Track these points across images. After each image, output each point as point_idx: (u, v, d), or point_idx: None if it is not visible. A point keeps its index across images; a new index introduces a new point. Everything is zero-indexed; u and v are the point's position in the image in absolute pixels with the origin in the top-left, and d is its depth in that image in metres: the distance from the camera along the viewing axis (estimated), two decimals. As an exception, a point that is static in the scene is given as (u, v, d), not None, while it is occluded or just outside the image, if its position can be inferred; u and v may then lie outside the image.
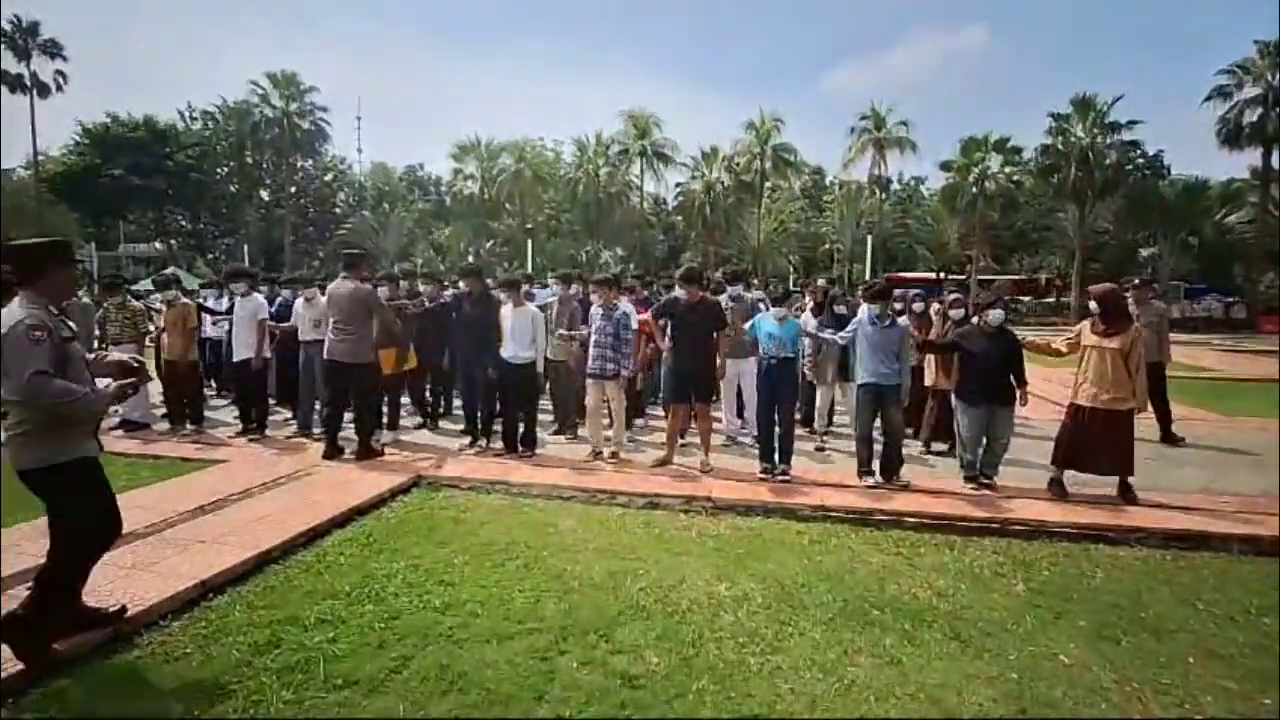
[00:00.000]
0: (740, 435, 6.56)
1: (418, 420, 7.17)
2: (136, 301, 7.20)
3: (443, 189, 45.92)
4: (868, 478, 5.08)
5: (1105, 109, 30.10)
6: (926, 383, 6.23)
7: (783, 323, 5.34)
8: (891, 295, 5.74)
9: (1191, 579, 3.69)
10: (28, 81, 31.07)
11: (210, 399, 8.09)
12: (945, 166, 36.35)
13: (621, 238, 39.74)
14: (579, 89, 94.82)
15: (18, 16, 30.61)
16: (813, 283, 8.26)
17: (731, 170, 37.44)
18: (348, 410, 5.86)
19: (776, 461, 5.27)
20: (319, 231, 41.86)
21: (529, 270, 23.61)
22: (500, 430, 6.08)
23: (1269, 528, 4.26)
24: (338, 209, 43.86)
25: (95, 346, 7.24)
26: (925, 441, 6.24)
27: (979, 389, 5.00)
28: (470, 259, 37.41)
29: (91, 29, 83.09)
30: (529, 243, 26.63)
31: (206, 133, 38.94)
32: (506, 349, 5.83)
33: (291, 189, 39.90)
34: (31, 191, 32.65)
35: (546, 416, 6.74)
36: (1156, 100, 69.90)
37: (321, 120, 38.28)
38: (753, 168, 36.70)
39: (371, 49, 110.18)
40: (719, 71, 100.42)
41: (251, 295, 6.52)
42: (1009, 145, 34.10)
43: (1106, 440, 4.74)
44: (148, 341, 7.08)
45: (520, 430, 5.92)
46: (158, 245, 36.69)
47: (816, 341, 6.07)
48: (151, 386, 7.15)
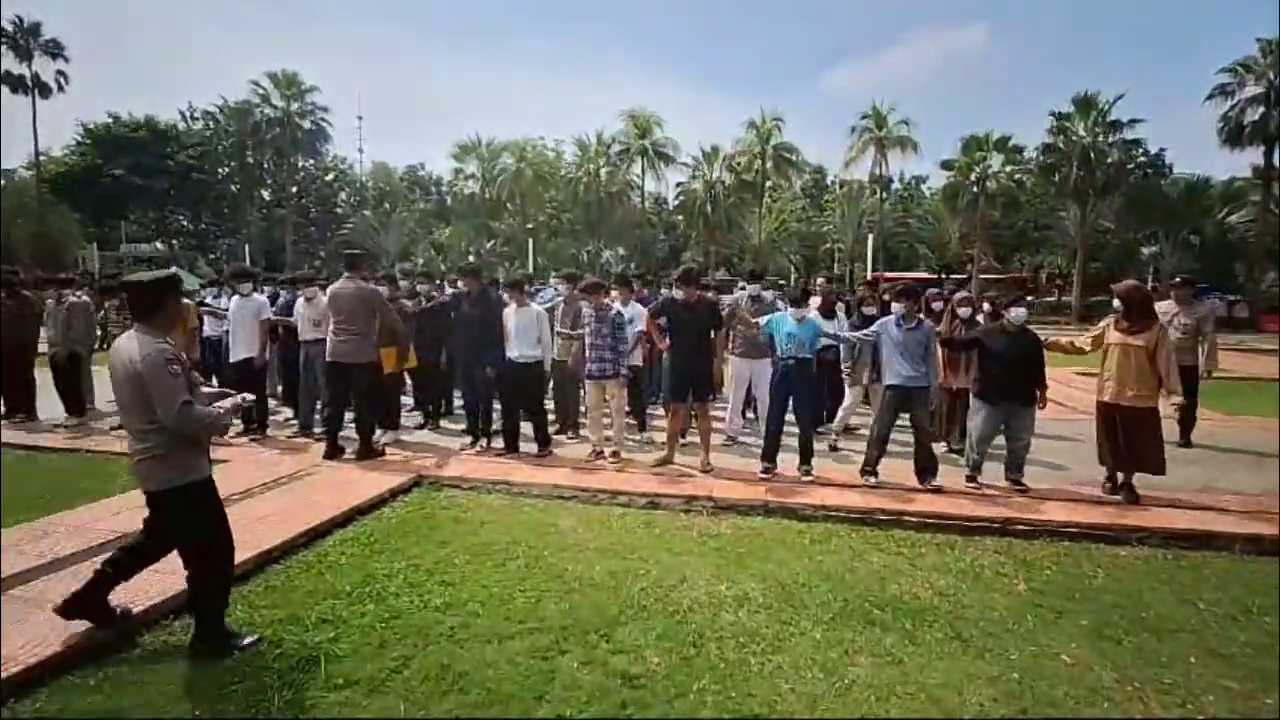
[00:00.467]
0: (743, 435, 6.56)
1: (418, 420, 7.18)
2: None
3: (444, 189, 45.99)
4: (870, 477, 5.06)
5: (1107, 108, 30.06)
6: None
7: (801, 323, 5.28)
8: (918, 295, 5.59)
9: (1193, 578, 3.69)
10: (29, 82, 31.13)
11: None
12: (946, 165, 36.31)
13: (622, 237, 39.75)
14: (579, 89, 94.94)
15: (19, 17, 30.73)
16: (828, 282, 8.02)
17: (732, 169, 37.44)
18: (348, 410, 5.86)
19: (776, 461, 5.24)
20: (320, 231, 41.90)
21: (530, 270, 23.63)
22: (501, 430, 6.07)
23: (1271, 527, 4.25)
24: (339, 209, 43.91)
25: (96, 346, 7.29)
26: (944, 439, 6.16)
27: (998, 389, 4.94)
28: (471, 259, 37.43)
29: (93, 29, 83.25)
30: (530, 242, 26.66)
31: (208, 133, 38.98)
32: (511, 349, 5.83)
33: (293, 189, 39.95)
34: (33, 192, 32.71)
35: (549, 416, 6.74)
36: (1158, 99, 69.86)
37: (322, 120, 38.35)
38: (754, 167, 36.72)
39: (372, 49, 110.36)
40: (719, 71, 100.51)
41: (253, 295, 6.52)
42: (1010, 144, 34.06)
43: (1131, 437, 4.72)
44: None
45: (533, 430, 5.92)
46: (159, 245, 36.71)
47: (848, 343, 6.02)
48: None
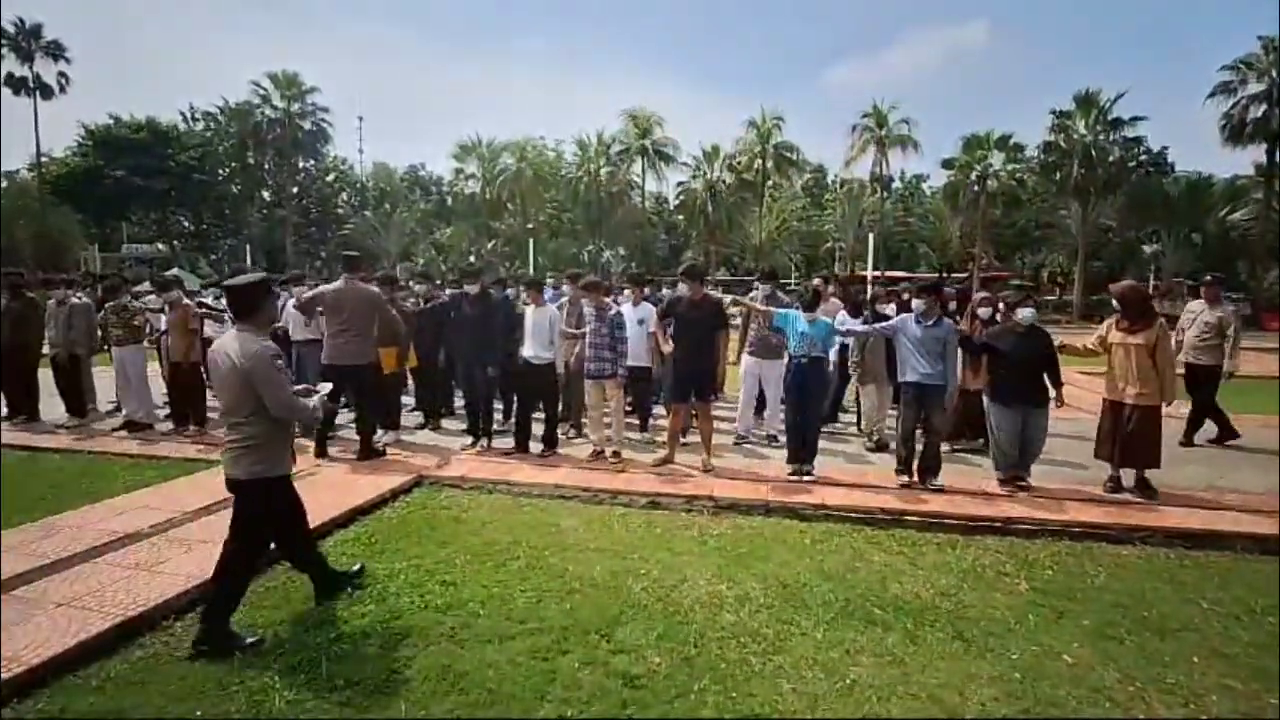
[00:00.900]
0: (753, 434, 6.54)
1: (419, 420, 7.18)
2: (137, 303, 7.21)
3: (444, 189, 45.99)
4: (904, 475, 5.00)
5: (1108, 105, 30.00)
6: None
7: (813, 322, 5.25)
8: (940, 293, 5.52)
9: (1195, 577, 3.68)
10: (31, 83, 31.17)
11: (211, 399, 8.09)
12: (947, 164, 36.26)
13: (623, 237, 39.73)
14: (579, 89, 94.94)
15: (21, 19, 30.76)
16: (834, 281, 7.92)
17: (733, 169, 37.42)
18: (347, 410, 5.86)
19: (802, 461, 5.20)
20: (321, 232, 41.92)
21: (530, 270, 23.64)
22: (508, 429, 6.09)
23: (1273, 525, 4.24)
24: (339, 209, 43.91)
25: (96, 348, 7.30)
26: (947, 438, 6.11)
27: (1012, 389, 4.91)
28: (472, 259, 37.46)
29: (94, 31, 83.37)
30: (531, 242, 26.63)
31: (208, 134, 39.01)
32: (527, 349, 5.84)
33: (293, 189, 39.96)
34: (35, 193, 32.76)
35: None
36: (1159, 97, 69.97)
37: (323, 121, 38.36)
38: (754, 166, 36.69)
39: (372, 49, 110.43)
40: (719, 70, 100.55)
41: None
42: (1011, 142, 34.01)
43: (1135, 434, 4.76)
44: (147, 343, 7.10)
45: (544, 430, 5.92)
46: (160, 246, 36.76)
47: (860, 339, 5.99)
48: (155, 387, 7.22)
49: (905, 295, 7.23)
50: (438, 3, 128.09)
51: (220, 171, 38.91)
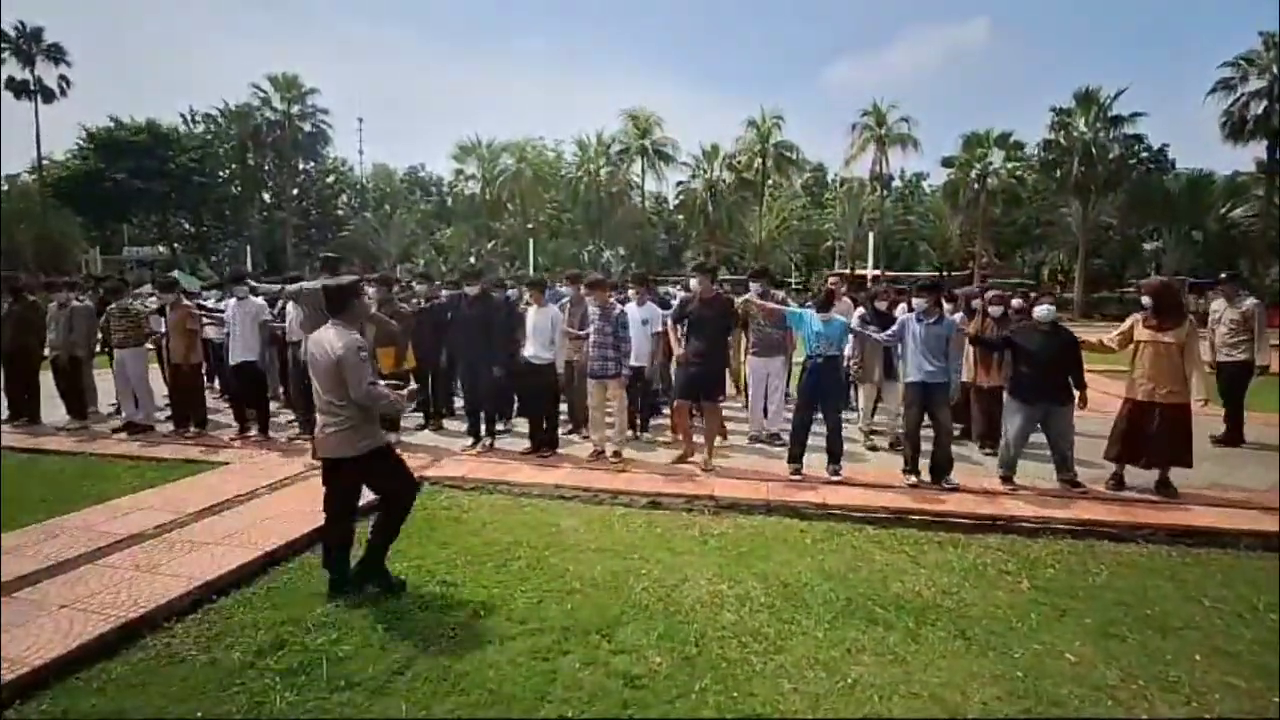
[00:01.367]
0: (765, 433, 6.51)
1: (419, 420, 7.18)
2: (139, 304, 7.21)
3: (444, 190, 46.02)
4: (910, 475, 4.99)
5: (1108, 103, 30.00)
6: (964, 378, 6.09)
7: (828, 322, 5.21)
8: (942, 291, 5.50)
9: (1198, 575, 3.67)
10: (32, 86, 31.23)
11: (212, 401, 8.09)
12: (947, 163, 36.28)
13: (623, 237, 39.73)
14: (579, 89, 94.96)
15: (22, 22, 30.82)
16: (841, 280, 7.89)
17: (733, 168, 37.43)
18: None
19: (803, 461, 5.18)
20: (321, 233, 41.95)
21: (530, 270, 23.66)
22: (508, 430, 6.08)
23: (1275, 522, 4.23)
24: (340, 211, 43.97)
25: (97, 350, 7.30)
26: (979, 438, 6.10)
27: (1033, 387, 4.87)
28: (472, 259, 37.46)
29: (94, 34, 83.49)
30: (531, 243, 26.67)
31: (208, 136, 39.08)
32: (528, 349, 5.84)
33: (293, 191, 40.01)
34: (36, 196, 32.82)
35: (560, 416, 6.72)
36: (1160, 94, 69.72)
37: (323, 122, 38.45)
38: (754, 165, 36.70)
39: (372, 50, 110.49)
40: (719, 70, 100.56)
41: (250, 298, 6.52)
42: (1011, 140, 34.03)
43: (1165, 434, 4.71)
44: (150, 345, 7.10)
45: (543, 430, 5.92)
46: (161, 248, 36.83)
47: (861, 340, 5.99)
48: (156, 388, 7.23)
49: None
50: (438, 3, 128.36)
51: (220, 173, 38.99)
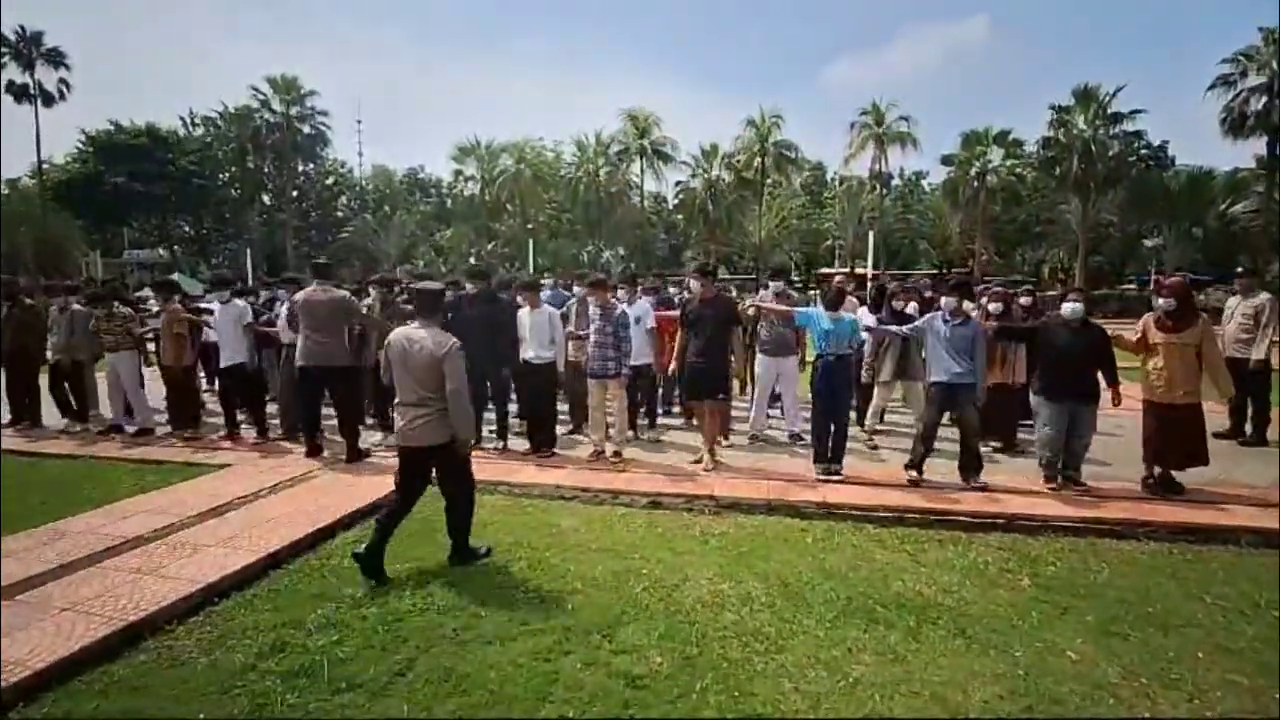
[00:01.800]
0: (766, 432, 6.50)
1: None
2: (126, 308, 7.23)
3: (443, 191, 46.02)
4: (912, 471, 4.97)
5: (1107, 100, 29.93)
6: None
7: (837, 320, 5.16)
8: (970, 290, 5.36)
9: (1199, 573, 3.67)
10: (32, 90, 31.26)
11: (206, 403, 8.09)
12: (946, 161, 36.27)
13: (623, 237, 39.71)
14: (579, 89, 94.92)
15: (22, 26, 30.83)
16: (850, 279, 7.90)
17: (732, 167, 37.40)
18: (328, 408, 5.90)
19: (830, 461, 5.15)
20: (321, 235, 41.98)
21: (530, 271, 23.65)
22: (512, 430, 6.09)
23: (1276, 519, 4.22)
24: (339, 212, 43.99)
25: (99, 353, 7.30)
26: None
27: (1061, 384, 4.81)
28: (472, 260, 37.42)
29: (93, 38, 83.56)
30: (530, 243, 26.63)
31: (208, 138, 39.12)
32: (527, 350, 5.82)
33: (293, 193, 40.02)
34: (36, 199, 32.85)
35: (562, 417, 6.72)
36: (1159, 90, 69.56)
37: (322, 124, 38.41)
38: (753, 165, 36.64)
39: (371, 51, 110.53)
40: (718, 69, 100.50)
41: (233, 301, 6.58)
42: (1010, 138, 34.01)
43: (1184, 435, 4.68)
44: (151, 347, 7.11)
45: (542, 430, 5.91)
46: (161, 251, 36.88)
47: (876, 338, 5.94)
48: (158, 390, 7.22)
49: (928, 294, 7.21)
50: (437, 4, 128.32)
51: (220, 176, 39.03)
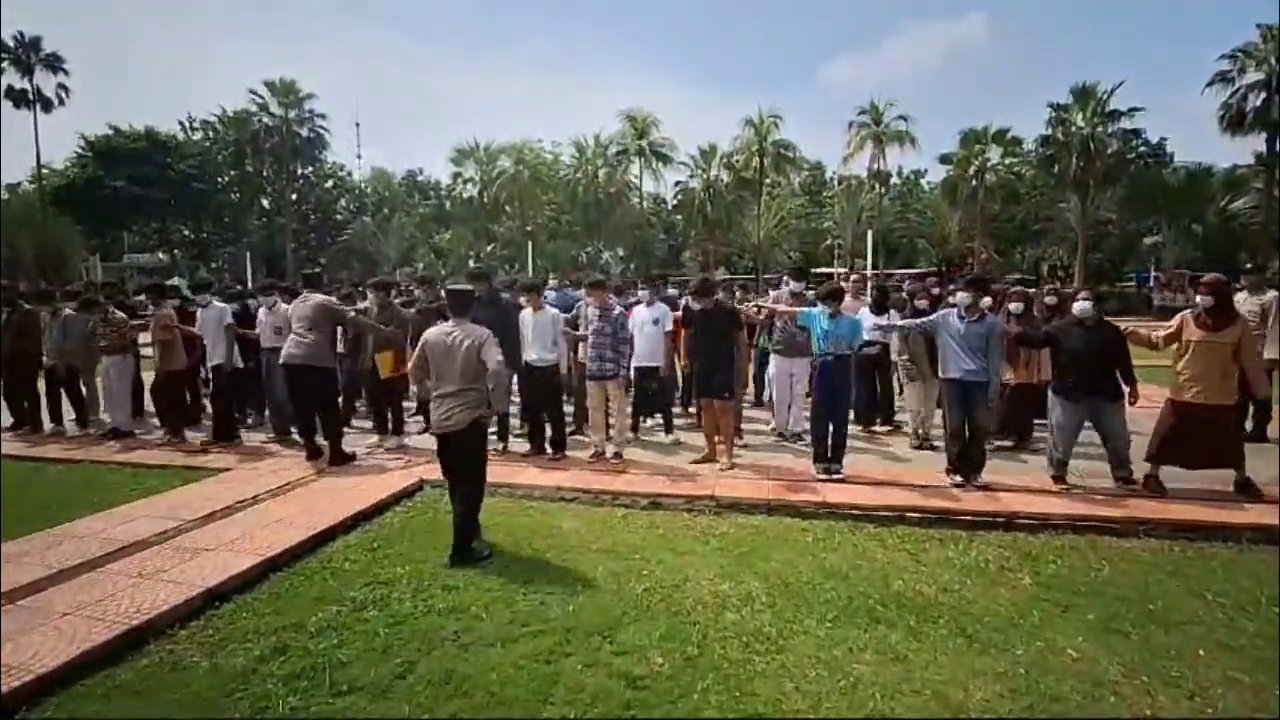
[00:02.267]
0: (793, 429, 6.47)
1: (421, 425, 7.18)
2: (121, 313, 7.27)
3: (442, 193, 46.01)
4: (955, 475, 4.92)
5: (1105, 97, 29.91)
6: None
7: (836, 320, 5.14)
8: (987, 286, 5.31)
9: (1200, 570, 3.67)
10: (31, 95, 31.29)
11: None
12: (945, 159, 36.26)
13: (622, 238, 39.71)
14: (578, 90, 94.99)
15: (21, 32, 30.88)
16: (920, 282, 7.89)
17: (731, 168, 37.37)
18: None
19: (830, 461, 5.16)
20: (320, 238, 41.99)
21: (530, 272, 23.66)
22: (512, 431, 6.09)
23: (1276, 516, 4.22)
24: (338, 215, 43.97)
25: (97, 358, 7.30)
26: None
27: (1078, 384, 4.77)
28: (471, 262, 37.42)
29: (92, 42, 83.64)
30: (529, 245, 26.65)
31: (207, 142, 39.09)
32: (530, 352, 5.81)
33: (292, 196, 39.99)
34: (36, 204, 32.86)
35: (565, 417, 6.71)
36: (1157, 87, 69.44)
37: (321, 127, 38.40)
38: (752, 165, 36.62)
39: (369, 54, 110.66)
40: (717, 69, 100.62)
41: (214, 304, 6.75)
42: (1009, 136, 33.98)
43: (1212, 436, 4.58)
44: (140, 351, 7.16)
45: (550, 432, 5.92)
46: (161, 255, 36.90)
47: (904, 333, 5.92)
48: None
49: (936, 290, 7.22)
50: (436, 6, 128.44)
51: (219, 180, 38.98)
